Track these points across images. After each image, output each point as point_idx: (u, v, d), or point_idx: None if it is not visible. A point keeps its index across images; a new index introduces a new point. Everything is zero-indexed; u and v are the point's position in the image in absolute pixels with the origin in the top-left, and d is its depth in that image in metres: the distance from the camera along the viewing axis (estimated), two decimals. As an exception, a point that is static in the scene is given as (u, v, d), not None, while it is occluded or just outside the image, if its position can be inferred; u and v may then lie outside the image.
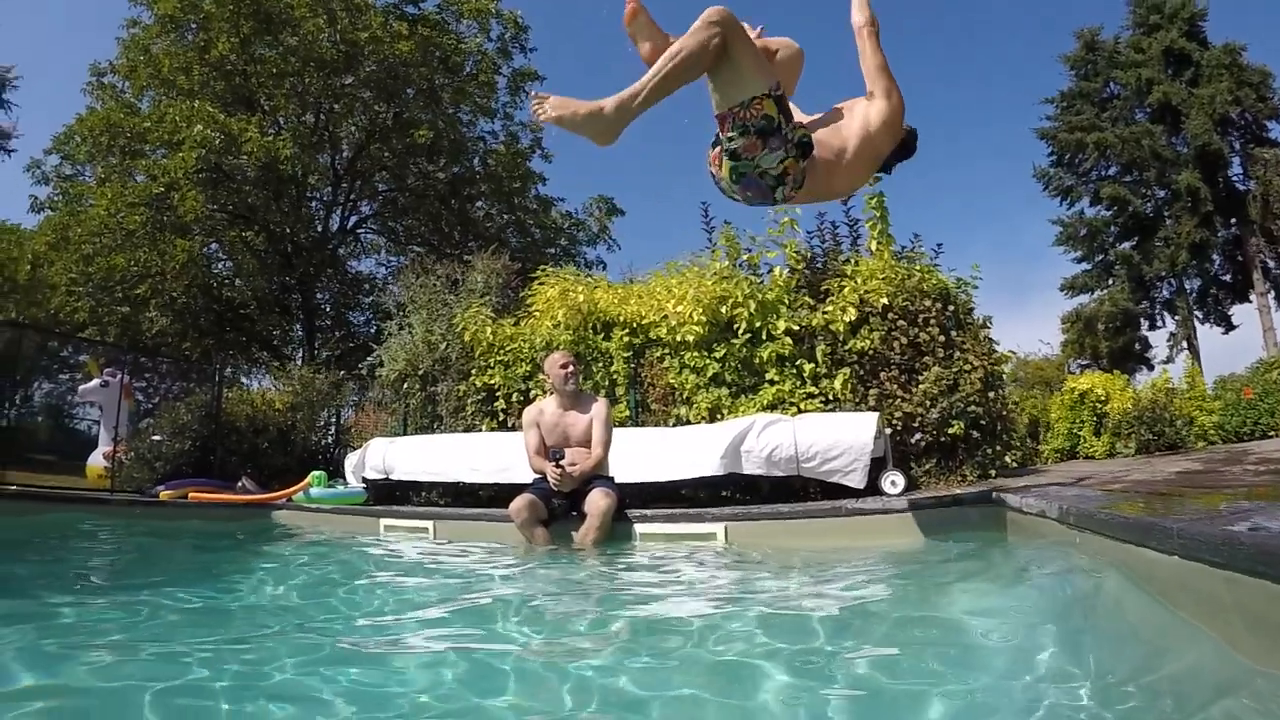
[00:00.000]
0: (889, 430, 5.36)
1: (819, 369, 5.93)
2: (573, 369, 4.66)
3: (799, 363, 5.98)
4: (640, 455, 5.33)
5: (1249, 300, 26.98)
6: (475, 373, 7.28)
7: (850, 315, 5.89)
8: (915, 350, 5.89)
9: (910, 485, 5.01)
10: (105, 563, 4.57)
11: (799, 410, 5.75)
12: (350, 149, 17.82)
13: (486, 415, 7.21)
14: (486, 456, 6.28)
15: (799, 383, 5.93)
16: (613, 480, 4.55)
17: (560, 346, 6.40)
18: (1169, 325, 29.02)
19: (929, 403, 5.65)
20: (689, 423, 6.09)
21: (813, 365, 5.93)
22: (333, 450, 10.92)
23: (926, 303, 5.98)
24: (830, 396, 5.85)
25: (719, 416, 5.99)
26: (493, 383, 7.11)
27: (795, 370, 5.98)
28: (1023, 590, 2.53)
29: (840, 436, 5.04)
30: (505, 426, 6.98)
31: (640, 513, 4.54)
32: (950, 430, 5.61)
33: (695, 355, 6.20)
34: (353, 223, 19.20)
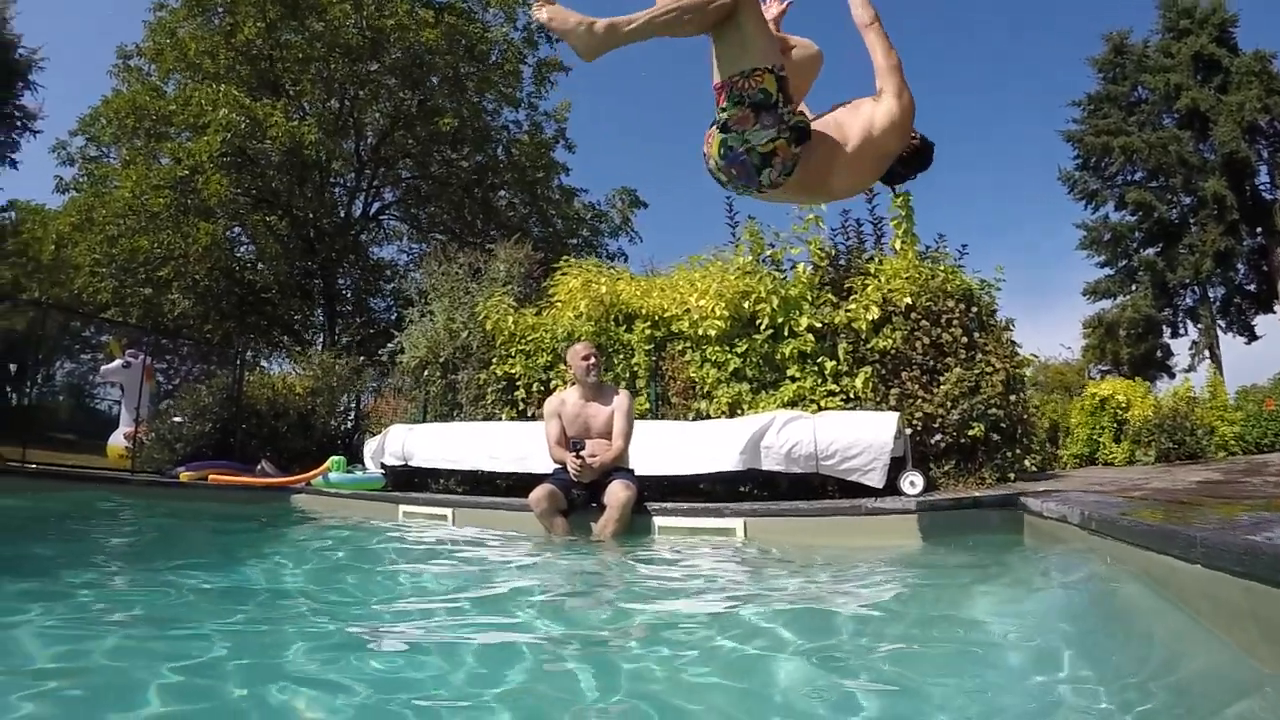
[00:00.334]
0: (909, 430, 5.35)
1: (840, 367, 5.92)
2: (594, 360, 4.69)
3: (820, 360, 5.97)
4: (659, 448, 5.35)
5: (1273, 311, 26.55)
6: (496, 362, 7.31)
7: (873, 314, 5.87)
8: (937, 351, 5.87)
9: (929, 486, 5.01)
10: (125, 543, 4.64)
11: (819, 408, 5.75)
12: (374, 135, 17.86)
13: (506, 404, 7.25)
14: (505, 445, 6.32)
15: (820, 380, 5.93)
16: (633, 473, 4.57)
17: (582, 337, 6.41)
18: (1191, 333, 28.64)
19: (950, 404, 5.63)
20: (709, 417, 6.10)
21: (834, 363, 5.93)
22: (352, 436, 11.03)
23: (950, 303, 5.95)
24: (851, 395, 5.84)
25: (739, 412, 5.99)
26: (513, 372, 7.15)
27: (817, 367, 5.98)
28: (1041, 593, 2.55)
29: (860, 435, 5.04)
30: (525, 416, 7.02)
31: (660, 506, 4.57)
32: (970, 432, 5.59)
33: (717, 350, 6.21)
34: (375, 209, 19.26)
